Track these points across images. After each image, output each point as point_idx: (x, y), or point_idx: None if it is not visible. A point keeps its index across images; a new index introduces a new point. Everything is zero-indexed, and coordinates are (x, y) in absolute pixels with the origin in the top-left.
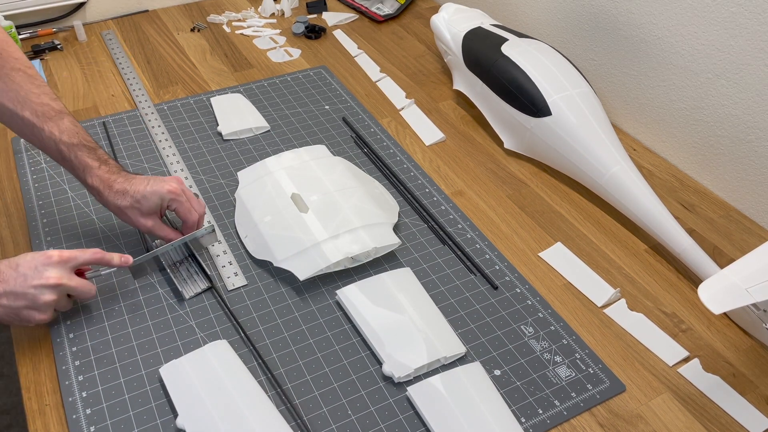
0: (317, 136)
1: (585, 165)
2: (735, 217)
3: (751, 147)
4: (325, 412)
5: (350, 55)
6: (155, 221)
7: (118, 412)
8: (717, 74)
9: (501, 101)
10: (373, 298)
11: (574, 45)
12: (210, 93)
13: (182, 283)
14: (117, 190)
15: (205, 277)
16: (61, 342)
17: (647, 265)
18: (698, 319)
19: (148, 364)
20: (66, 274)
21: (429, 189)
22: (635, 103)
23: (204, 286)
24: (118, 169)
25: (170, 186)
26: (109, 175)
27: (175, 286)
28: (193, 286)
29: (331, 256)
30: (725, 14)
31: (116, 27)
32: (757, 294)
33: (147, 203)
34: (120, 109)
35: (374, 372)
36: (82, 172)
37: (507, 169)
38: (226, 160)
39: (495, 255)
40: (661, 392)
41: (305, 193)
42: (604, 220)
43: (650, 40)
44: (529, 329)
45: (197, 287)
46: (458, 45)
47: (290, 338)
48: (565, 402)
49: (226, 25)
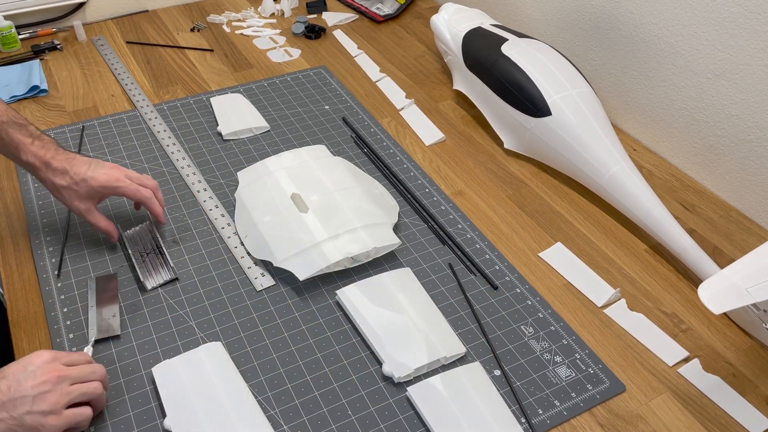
0: (317, 136)
1: (585, 165)
2: (735, 217)
3: (751, 147)
4: (325, 412)
5: (350, 55)
6: (89, 206)
7: (118, 412)
8: (717, 74)
9: (501, 101)
10: (373, 298)
11: (574, 45)
12: (210, 93)
13: (145, 274)
14: (56, 168)
15: (170, 269)
16: (61, 342)
17: (647, 265)
18: (698, 319)
19: (147, 364)
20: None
21: (429, 189)
22: (635, 103)
23: (167, 277)
24: (52, 144)
25: (111, 173)
26: (44, 151)
27: (138, 275)
28: (156, 277)
29: (331, 256)
30: (725, 14)
31: (116, 27)
32: (757, 294)
33: (85, 187)
34: (120, 109)
35: (374, 372)
36: (15, 150)
37: (507, 169)
38: (226, 160)
39: (495, 255)
40: (661, 392)
41: (305, 193)
42: (604, 220)
43: (650, 40)
44: (529, 329)
45: (160, 278)
46: (458, 45)
47: (290, 338)
48: (565, 402)
49: (226, 25)
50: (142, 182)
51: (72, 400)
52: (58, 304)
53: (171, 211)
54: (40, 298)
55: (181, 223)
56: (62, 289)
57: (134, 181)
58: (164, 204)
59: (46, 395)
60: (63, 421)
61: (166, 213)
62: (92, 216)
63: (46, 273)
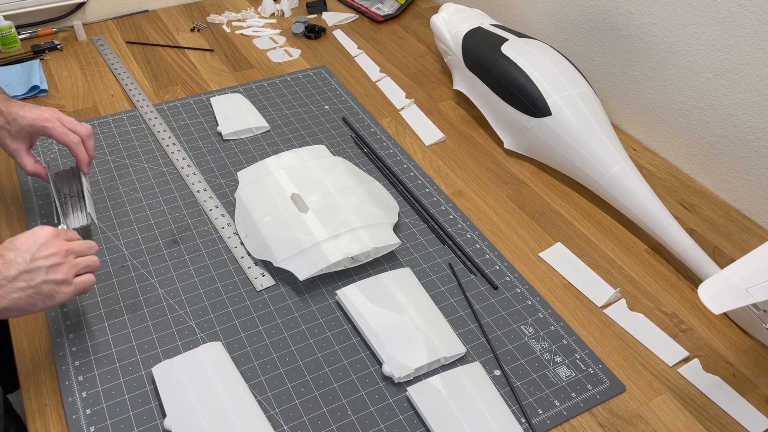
0: (317, 136)
1: (585, 165)
2: (735, 217)
3: (751, 147)
4: (325, 412)
5: (350, 55)
6: (19, 146)
7: (117, 412)
8: (717, 74)
9: (501, 101)
10: (373, 298)
11: (574, 45)
12: (210, 93)
13: (65, 216)
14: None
15: (87, 215)
16: (61, 342)
17: (647, 265)
18: (698, 319)
19: (147, 364)
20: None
21: (429, 189)
22: (635, 103)
23: (83, 222)
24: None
25: (41, 113)
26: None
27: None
28: (74, 221)
29: (331, 256)
30: (725, 14)
31: (116, 27)
32: (757, 294)
33: (16, 125)
34: (120, 109)
35: (374, 372)
36: None
37: (507, 169)
38: (226, 160)
39: (495, 255)
40: (661, 392)
41: (305, 193)
42: (604, 220)
43: (650, 40)
44: (529, 329)
45: (77, 222)
46: (458, 45)
47: (290, 338)
48: (565, 402)
49: (226, 25)
50: (74, 127)
51: (79, 271)
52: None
53: (171, 211)
54: None
55: (181, 223)
56: None
57: (65, 124)
58: (93, 154)
59: (59, 267)
60: (73, 289)
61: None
62: (20, 157)
63: None
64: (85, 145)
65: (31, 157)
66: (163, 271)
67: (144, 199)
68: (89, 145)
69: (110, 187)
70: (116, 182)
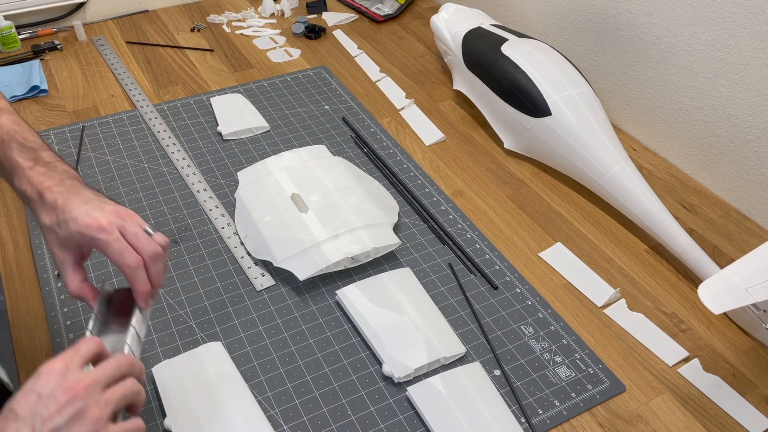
0: (317, 136)
1: (585, 165)
2: (735, 217)
3: (751, 147)
4: (325, 412)
5: (350, 55)
6: (67, 257)
7: None
8: (717, 74)
9: (501, 101)
10: (373, 298)
11: (574, 45)
12: (210, 93)
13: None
14: (47, 202)
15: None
16: (61, 342)
17: (647, 265)
18: (698, 319)
19: (148, 364)
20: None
21: (429, 189)
22: (635, 103)
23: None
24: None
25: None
26: (43, 179)
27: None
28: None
29: (331, 256)
30: (725, 14)
31: (116, 27)
32: (757, 294)
33: (66, 229)
34: (120, 109)
35: (374, 372)
36: (10, 175)
37: (507, 169)
38: (226, 160)
39: (495, 255)
40: (661, 392)
41: (305, 193)
42: (604, 220)
43: (650, 40)
44: (529, 329)
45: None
46: (458, 45)
47: (290, 338)
48: (565, 402)
49: (226, 25)
50: (138, 243)
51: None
52: (58, 304)
53: (171, 211)
54: (40, 298)
55: (181, 223)
56: (62, 289)
57: (127, 237)
58: (159, 282)
59: (83, 414)
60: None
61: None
62: (64, 272)
63: (46, 273)
64: (148, 271)
65: (78, 273)
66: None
67: (144, 199)
68: (153, 270)
69: (110, 188)
70: (116, 182)
